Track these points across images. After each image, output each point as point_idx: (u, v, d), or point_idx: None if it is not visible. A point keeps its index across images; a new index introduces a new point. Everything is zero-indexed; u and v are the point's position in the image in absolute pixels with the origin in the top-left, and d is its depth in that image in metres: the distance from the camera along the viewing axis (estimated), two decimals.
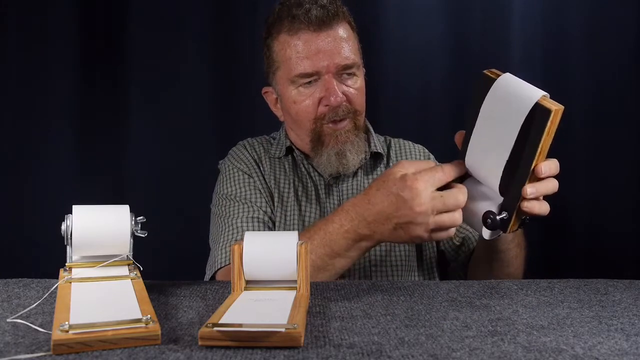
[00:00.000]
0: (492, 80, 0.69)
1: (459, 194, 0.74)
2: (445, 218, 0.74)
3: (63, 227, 0.63)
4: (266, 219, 1.03)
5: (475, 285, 0.74)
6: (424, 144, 1.20)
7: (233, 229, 1.00)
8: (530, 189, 0.69)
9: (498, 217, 0.72)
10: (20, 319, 0.55)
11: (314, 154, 1.05)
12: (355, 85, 1.03)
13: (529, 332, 0.53)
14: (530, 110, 0.65)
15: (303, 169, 1.10)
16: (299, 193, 1.08)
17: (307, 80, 1.01)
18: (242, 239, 0.63)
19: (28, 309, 0.59)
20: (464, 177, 0.78)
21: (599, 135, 1.58)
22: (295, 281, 0.62)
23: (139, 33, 1.55)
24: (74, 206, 0.64)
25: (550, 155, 0.70)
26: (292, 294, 0.61)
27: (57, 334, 0.46)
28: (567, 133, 1.56)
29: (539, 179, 0.69)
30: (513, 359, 0.46)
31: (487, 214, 0.72)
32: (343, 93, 1.01)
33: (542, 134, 0.65)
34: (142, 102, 1.56)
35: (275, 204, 1.06)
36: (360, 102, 1.04)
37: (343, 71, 1.01)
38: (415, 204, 0.73)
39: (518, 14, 1.58)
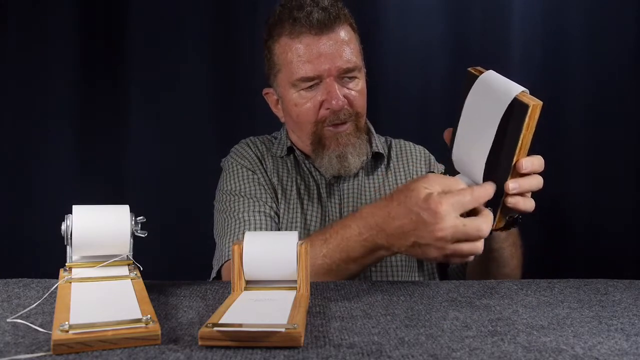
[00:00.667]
0: (476, 77, 0.70)
1: (484, 223, 0.69)
2: (465, 247, 0.71)
3: (63, 227, 0.63)
4: (272, 213, 1.03)
5: (475, 285, 0.74)
6: (424, 144, 1.20)
7: (240, 222, 1.00)
8: (512, 184, 0.69)
9: None
10: (20, 319, 0.55)
11: (315, 156, 1.05)
12: (357, 88, 1.03)
13: (529, 332, 0.53)
14: (509, 106, 0.66)
15: (305, 168, 1.10)
16: (301, 191, 1.08)
17: (309, 84, 1.00)
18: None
19: (28, 309, 0.59)
20: (454, 173, 0.77)
21: (599, 135, 1.58)
22: (295, 281, 0.62)
23: (139, 33, 1.55)
24: (74, 206, 0.64)
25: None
26: (292, 294, 0.61)
27: (57, 334, 0.46)
28: (566, 133, 1.56)
29: (523, 175, 0.69)
30: (513, 359, 0.46)
31: None
32: (344, 96, 1.00)
33: (522, 129, 0.65)
34: (142, 102, 1.56)
35: (279, 200, 1.06)
36: (361, 104, 1.04)
37: (344, 74, 1.01)
38: (436, 229, 0.69)
39: (518, 14, 1.58)
